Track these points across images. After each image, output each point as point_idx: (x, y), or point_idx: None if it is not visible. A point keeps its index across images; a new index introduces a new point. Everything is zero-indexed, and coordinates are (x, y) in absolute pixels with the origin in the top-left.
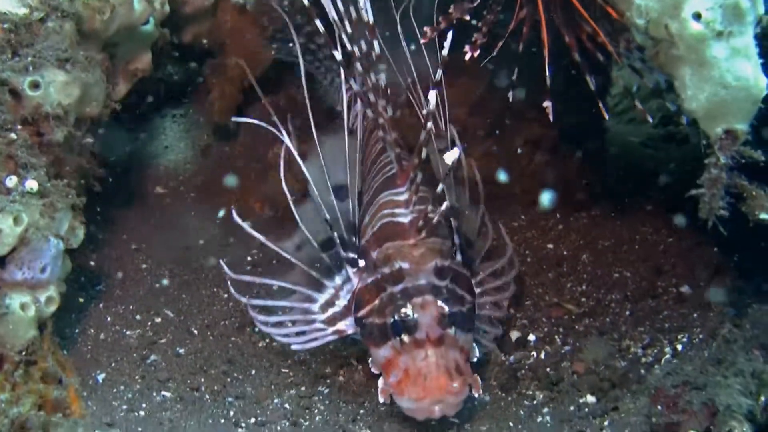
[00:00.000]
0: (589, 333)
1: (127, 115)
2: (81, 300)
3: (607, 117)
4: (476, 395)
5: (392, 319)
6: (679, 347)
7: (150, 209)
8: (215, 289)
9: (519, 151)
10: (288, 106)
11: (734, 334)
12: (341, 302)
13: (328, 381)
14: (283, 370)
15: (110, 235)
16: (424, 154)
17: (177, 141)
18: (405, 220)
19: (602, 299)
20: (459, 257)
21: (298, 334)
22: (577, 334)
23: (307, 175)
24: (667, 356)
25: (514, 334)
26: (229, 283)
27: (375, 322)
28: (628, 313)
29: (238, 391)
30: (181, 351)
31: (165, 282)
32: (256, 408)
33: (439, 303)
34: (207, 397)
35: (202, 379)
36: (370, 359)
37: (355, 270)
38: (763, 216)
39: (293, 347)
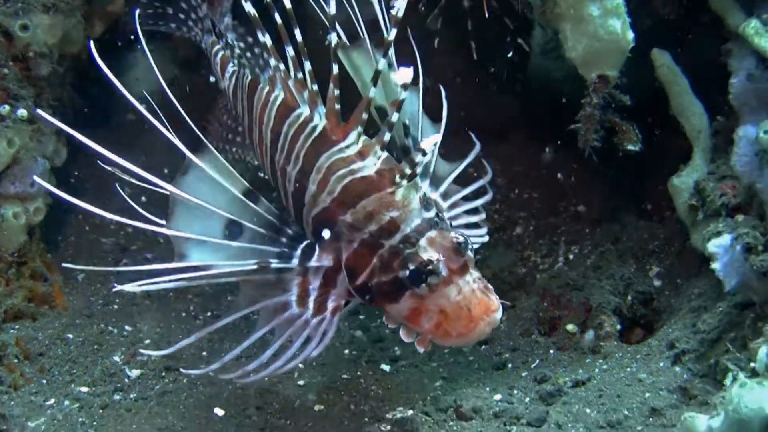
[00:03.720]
0: (498, 245)
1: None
2: (63, 212)
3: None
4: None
5: (407, 271)
6: (571, 257)
7: (123, 134)
8: None
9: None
10: None
11: (611, 249)
12: (315, 284)
13: None
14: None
15: (88, 156)
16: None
17: (147, 73)
18: (370, 172)
19: (512, 216)
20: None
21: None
22: (488, 246)
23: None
24: (560, 264)
25: None
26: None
27: (383, 281)
28: (532, 228)
29: (197, 290)
30: (149, 256)
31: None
32: (212, 303)
33: (446, 233)
34: (170, 294)
35: None
36: (385, 317)
37: (317, 253)
38: (630, 147)
39: (313, 354)
